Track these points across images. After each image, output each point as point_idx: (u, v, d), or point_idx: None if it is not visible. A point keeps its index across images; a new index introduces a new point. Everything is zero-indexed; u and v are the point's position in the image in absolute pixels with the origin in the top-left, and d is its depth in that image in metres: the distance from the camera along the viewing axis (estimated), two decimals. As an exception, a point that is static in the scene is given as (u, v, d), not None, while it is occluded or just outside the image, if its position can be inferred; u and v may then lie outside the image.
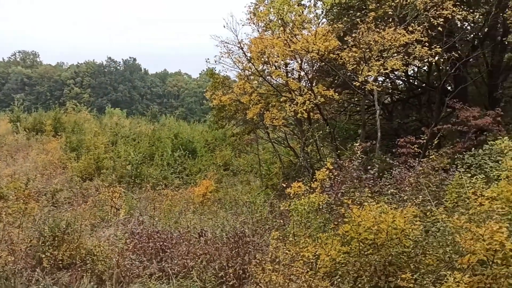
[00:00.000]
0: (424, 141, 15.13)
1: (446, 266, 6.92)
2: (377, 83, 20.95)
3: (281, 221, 10.46)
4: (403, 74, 21.66)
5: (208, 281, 7.72)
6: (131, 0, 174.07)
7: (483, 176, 10.15)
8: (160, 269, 8.62)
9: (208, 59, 18.24)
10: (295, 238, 8.44)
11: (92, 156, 25.19)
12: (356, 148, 12.22)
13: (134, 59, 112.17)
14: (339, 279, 7.39)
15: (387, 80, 22.19)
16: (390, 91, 22.16)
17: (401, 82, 23.47)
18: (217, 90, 20.92)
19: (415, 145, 14.91)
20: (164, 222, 12.84)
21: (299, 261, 7.40)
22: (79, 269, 8.69)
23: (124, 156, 27.17)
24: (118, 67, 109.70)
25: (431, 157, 14.46)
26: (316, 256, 8.04)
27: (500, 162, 10.05)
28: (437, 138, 16.08)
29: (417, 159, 11.64)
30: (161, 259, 9.12)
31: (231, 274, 7.57)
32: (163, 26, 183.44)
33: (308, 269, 7.60)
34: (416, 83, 23.32)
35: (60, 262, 8.96)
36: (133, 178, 23.04)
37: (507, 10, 14.85)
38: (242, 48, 17.01)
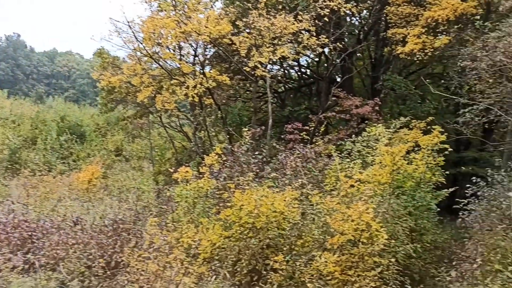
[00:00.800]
0: (312, 128, 15.75)
1: (320, 247, 7.17)
2: (270, 71, 21.33)
3: (165, 207, 10.12)
4: (296, 64, 22.34)
5: (78, 272, 7.17)
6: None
7: (361, 161, 10.80)
8: (25, 261, 7.84)
9: (93, 36, 17.01)
10: (174, 224, 8.19)
11: (-39, 140, 22.58)
12: (245, 134, 12.28)
13: (19, 35, 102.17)
14: (217, 264, 7.30)
15: (281, 69, 22.72)
16: (283, 79, 22.71)
17: (294, 72, 24.15)
18: (106, 70, 19.69)
19: (304, 132, 15.47)
20: (39, 211, 11.79)
21: (177, 247, 7.17)
22: None
23: (1, 140, 24.73)
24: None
25: (317, 143, 15.10)
26: (197, 242, 7.90)
27: (374, 148, 10.73)
28: (323, 125, 16.82)
29: (301, 144, 12.00)
30: (29, 250, 8.31)
31: (102, 264, 7.10)
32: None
33: (187, 255, 7.43)
34: (308, 73, 24.14)
35: None
36: (9, 163, 21.09)
37: (387, 6, 15.81)
38: (131, 27, 16.12)
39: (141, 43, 16.84)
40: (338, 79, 21.55)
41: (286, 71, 23.39)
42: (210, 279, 6.79)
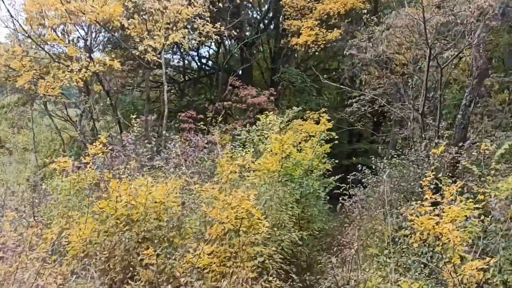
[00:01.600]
0: (209, 118, 15.40)
1: (201, 238, 6.76)
2: (170, 60, 20.56)
3: (37, 200, 9.11)
4: (196, 54, 21.86)
5: None
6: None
7: (253, 149, 10.64)
8: None
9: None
10: (37, 218, 7.29)
11: None
12: (133, 121, 11.58)
13: None
14: (86, 261, 6.57)
15: (181, 59, 22.11)
16: (182, 69, 22.12)
17: (194, 62, 23.64)
18: (-20, 52, 17.53)
19: (202, 122, 15.08)
20: None
21: (39, 245, 6.30)
22: None
23: None
24: None
25: (213, 133, 14.74)
26: (66, 238, 7.10)
27: (266, 137, 10.63)
28: (221, 115, 16.53)
29: (193, 133, 11.58)
30: None
31: None
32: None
33: (53, 254, 6.62)
34: (210, 64, 23.74)
35: None
36: None
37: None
38: (3, 1, 14.46)
39: (20, 24, 15.31)
40: (240, 71, 21.47)
41: (186, 62, 22.82)
42: (76, 279, 6.07)
